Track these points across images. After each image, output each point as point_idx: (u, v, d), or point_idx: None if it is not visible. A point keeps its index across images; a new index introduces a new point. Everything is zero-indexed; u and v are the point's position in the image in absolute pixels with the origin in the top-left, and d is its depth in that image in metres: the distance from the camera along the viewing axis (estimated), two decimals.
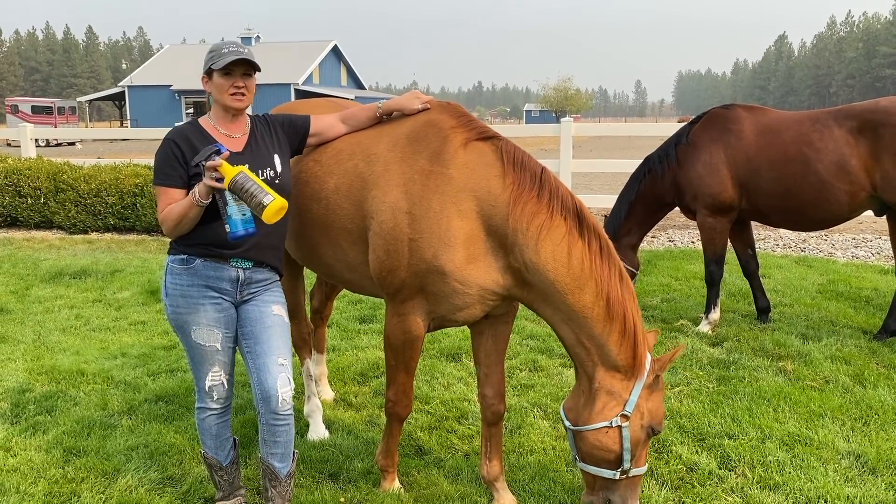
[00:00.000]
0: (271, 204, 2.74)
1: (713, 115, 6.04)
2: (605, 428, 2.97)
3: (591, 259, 2.94)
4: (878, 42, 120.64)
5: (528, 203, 2.96)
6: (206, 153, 2.81)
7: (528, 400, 4.58)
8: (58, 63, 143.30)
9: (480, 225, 3.02)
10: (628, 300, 2.97)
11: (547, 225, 2.94)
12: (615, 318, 2.94)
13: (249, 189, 2.75)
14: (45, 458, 3.90)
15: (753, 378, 4.86)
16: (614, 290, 2.94)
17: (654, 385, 3.02)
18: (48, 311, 6.79)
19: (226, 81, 2.98)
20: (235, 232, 2.84)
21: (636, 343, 2.96)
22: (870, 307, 6.47)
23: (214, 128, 3.07)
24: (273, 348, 3.05)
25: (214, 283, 3.02)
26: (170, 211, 2.93)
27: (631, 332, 2.95)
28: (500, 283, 3.06)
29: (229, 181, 2.76)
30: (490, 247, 3.03)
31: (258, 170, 3.01)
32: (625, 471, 3.01)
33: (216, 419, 3.22)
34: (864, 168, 5.41)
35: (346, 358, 5.42)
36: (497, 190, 3.00)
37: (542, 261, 2.94)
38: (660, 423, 3.05)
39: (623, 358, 2.97)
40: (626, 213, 6.23)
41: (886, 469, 3.70)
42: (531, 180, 3.01)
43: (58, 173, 10.97)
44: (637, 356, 2.97)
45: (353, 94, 52.16)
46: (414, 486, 3.62)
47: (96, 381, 4.97)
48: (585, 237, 2.97)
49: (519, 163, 3.05)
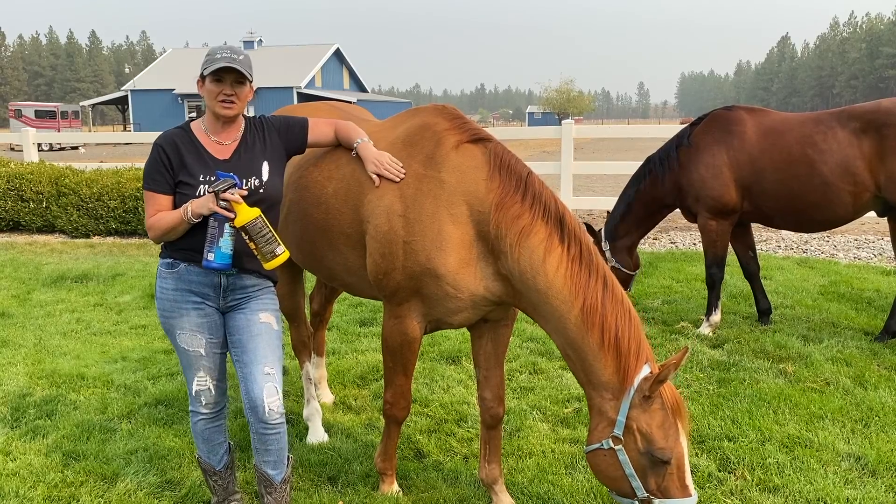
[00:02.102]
0: (282, 255, 2.87)
1: (715, 117, 6.02)
2: (599, 451, 2.82)
3: (567, 265, 2.85)
4: (881, 43, 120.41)
5: (511, 207, 2.93)
6: (223, 185, 2.81)
7: (527, 403, 4.58)
8: (61, 67, 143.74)
9: (472, 229, 3.00)
10: (611, 309, 2.80)
11: (527, 230, 2.90)
12: (592, 327, 2.80)
13: (266, 235, 2.84)
14: (45, 461, 3.91)
15: (754, 380, 4.84)
16: (591, 298, 2.81)
17: (644, 404, 2.73)
18: (49, 315, 6.81)
19: (215, 88, 2.94)
20: (213, 263, 2.86)
21: (619, 356, 2.77)
22: (871, 309, 6.45)
23: (205, 133, 3.03)
24: (259, 357, 3.01)
25: (198, 287, 3.01)
26: (159, 219, 2.93)
27: (611, 344, 2.78)
28: (490, 290, 3.04)
29: (246, 222, 2.80)
30: (481, 252, 3.01)
31: (243, 179, 2.97)
32: (643, 500, 2.76)
33: (206, 423, 3.20)
34: (868, 169, 5.40)
35: (345, 361, 5.41)
36: (483, 193, 2.99)
37: (521, 267, 2.91)
38: (663, 449, 2.70)
39: (606, 373, 2.79)
40: (625, 213, 6.22)
41: (887, 471, 3.68)
42: (516, 184, 2.98)
43: (60, 177, 11.02)
44: (620, 371, 2.76)
45: (355, 97, 52.14)
46: (413, 489, 3.62)
47: (96, 385, 4.98)
48: (565, 243, 2.88)
49: (505, 166, 3.02)
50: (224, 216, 2.81)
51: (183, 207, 2.89)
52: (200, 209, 2.85)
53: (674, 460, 2.71)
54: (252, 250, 2.88)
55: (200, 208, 2.85)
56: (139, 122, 53.83)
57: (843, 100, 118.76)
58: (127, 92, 57.32)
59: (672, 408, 2.73)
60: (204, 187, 2.93)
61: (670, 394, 2.75)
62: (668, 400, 2.73)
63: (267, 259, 2.87)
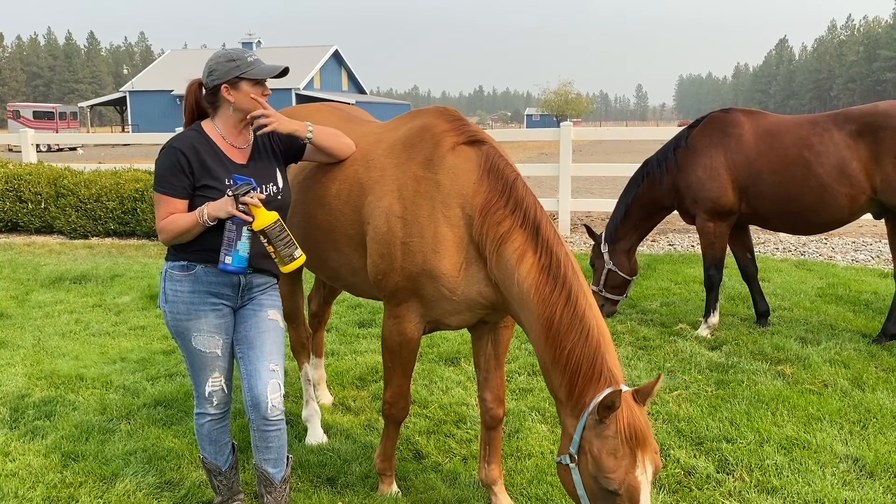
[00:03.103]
0: (300, 258, 2.92)
1: (712, 119, 6.04)
2: (560, 464, 2.74)
3: (536, 275, 2.79)
4: (878, 45, 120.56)
5: (495, 213, 2.92)
6: (243, 188, 2.83)
7: (526, 404, 4.58)
8: (59, 68, 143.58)
9: (466, 233, 3.00)
10: (568, 326, 2.70)
11: (505, 237, 2.88)
12: (548, 342, 2.74)
13: (285, 238, 2.88)
14: (44, 462, 3.91)
15: (752, 382, 4.85)
16: (550, 312, 2.74)
17: (597, 428, 2.57)
18: (48, 315, 6.80)
19: (254, 90, 2.98)
20: (230, 266, 2.88)
21: (572, 375, 2.67)
22: (869, 311, 6.46)
23: (220, 136, 3.03)
24: (266, 353, 3.04)
25: (216, 288, 3.01)
26: (172, 222, 2.91)
27: (561, 363, 2.69)
28: (483, 294, 3.04)
29: (265, 225, 2.82)
30: (474, 256, 3.00)
31: (262, 184, 3.00)
32: None
33: (215, 424, 3.22)
34: (864, 171, 5.42)
35: (344, 362, 5.42)
36: (471, 196, 2.99)
37: (499, 274, 2.92)
38: (609, 478, 2.51)
39: (563, 391, 2.72)
40: (623, 216, 6.23)
41: (884, 473, 3.70)
42: (501, 189, 2.96)
43: (58, 178, 11.01)
44: (573, 390, 2.66)
45: (353, 98, 52.23)
46: (412, 490, 3.62)
47: (95, 386, 4.98)
48: (538, 252, 2.83)
49: (494, 169, 3.01)
50: (242, 220, 2.83)
51: (198, 210, 2.88)
52: (218, 212, 2.85)
53: (625, 493, 2.51)
54: (270, 253, 2.91)
55: (218, 212, 2.85)
56: (137, 123, 53.84)
57: (841, 102, 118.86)
58: (125, 93, 57.34)
59: (627, 437, 2.51)
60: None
61: (627, 423, 2.52)
62: (621, 429, 2.51)
63: (285, 262, 2.90)
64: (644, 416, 2.59)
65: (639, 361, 5.32)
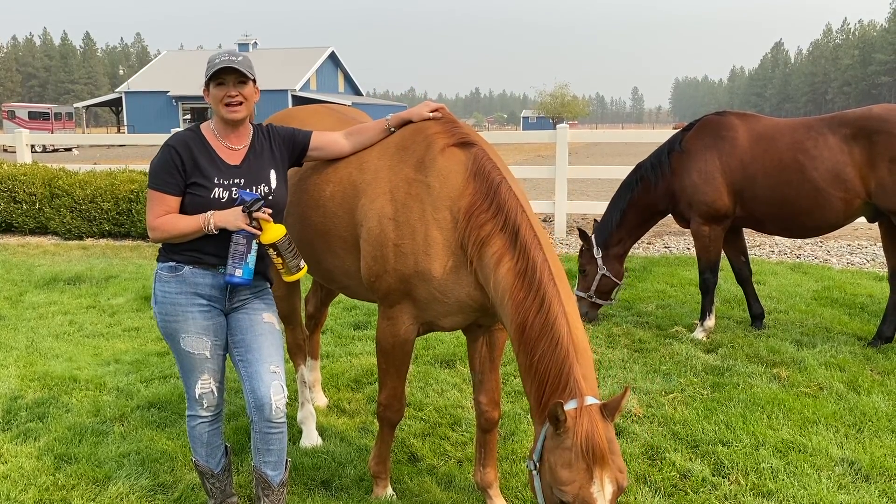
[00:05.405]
0: (304, 268, 3.08)
1: (706, 123, 6.04)
2: (528, 468, 2.70)
3: (512, 280, 2.76)
4: (873, 49, 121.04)
5: (479, 216, 2.91)
6: (256, 204, 2.90)
7: (521, 406, 4.57)
8: (55, 69, 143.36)
9: (454, 235, 2.99)
10: (538, 334, 2.65)
11: (486, 240, 2.87)
12: (522, 349, 2.71)
13: (292, 251, 3.01)
14: (36, 465, 3.88)
15: (747, 385, 4.85)
16: (522, 318, 2.70)
17: (555, 439, 2.50)
18: (42, 317, 6.77)
19: (219, 92, 2.96)
20: (239, 278, 2.93)
21: (538, 383, 2.63)
22: (864, 314, 6.47)
23: (216, 137, 3.04)
24: (265, 356, 3.04)
25: (203, 290, 3.00)
26: (170, 222, 2.92)
27: (532, 370, 2.65)
28: (472, 297, 3.02)
29: (276, 239, 2.92)
30: (463, 259, 2.98)
31: (252, 186, 3.01)
32: None
33: (207, 427, 3.20)
34: (858, 175, 5.42)
35: (339, 364, 5.40)
36: (458, 199, 2.99)
37: (482, 278, 2.91)
38: (563, 491, 2.43)
39: (533, 397, 2.68)
40: (618, 221, 6.22)
41: (880, 476, 3.70)
42: (486, 192, 2.94)
43: (53, 179, 10.97)
44: (539, 398, 2.63)
45: (350, 100, 52.17)
46: (406, 492, 3.61)
47: (89, 388, 4.95)
48: (515, 257, 2.80)
49: (481, 172, 2.99)
50: (252, 234, 2.89)
51: (203, 217, 2.89)
52: (226, 224, 2.89)
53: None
54: (278, 265, 3.00)
55: (226, 223, 2.89)
56: (133, 124, 53.69)
57: (836, 106, 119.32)
58: (121, 94, 57.17)
59: (583, 451, 2.41)
60: (218, 191, 2.95)
61: (585, 436, 2.42)
62: (578, 442, 2.42)
63: (291, 272, 3.02)
64: (609, 432, 2.48)
65: (634, 364, 5.31)
